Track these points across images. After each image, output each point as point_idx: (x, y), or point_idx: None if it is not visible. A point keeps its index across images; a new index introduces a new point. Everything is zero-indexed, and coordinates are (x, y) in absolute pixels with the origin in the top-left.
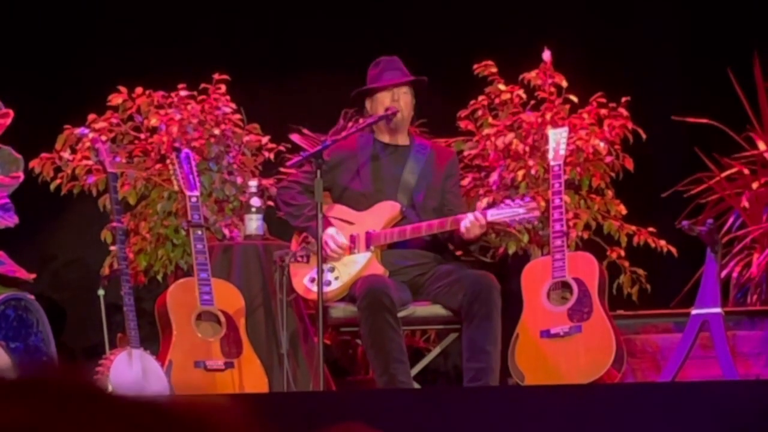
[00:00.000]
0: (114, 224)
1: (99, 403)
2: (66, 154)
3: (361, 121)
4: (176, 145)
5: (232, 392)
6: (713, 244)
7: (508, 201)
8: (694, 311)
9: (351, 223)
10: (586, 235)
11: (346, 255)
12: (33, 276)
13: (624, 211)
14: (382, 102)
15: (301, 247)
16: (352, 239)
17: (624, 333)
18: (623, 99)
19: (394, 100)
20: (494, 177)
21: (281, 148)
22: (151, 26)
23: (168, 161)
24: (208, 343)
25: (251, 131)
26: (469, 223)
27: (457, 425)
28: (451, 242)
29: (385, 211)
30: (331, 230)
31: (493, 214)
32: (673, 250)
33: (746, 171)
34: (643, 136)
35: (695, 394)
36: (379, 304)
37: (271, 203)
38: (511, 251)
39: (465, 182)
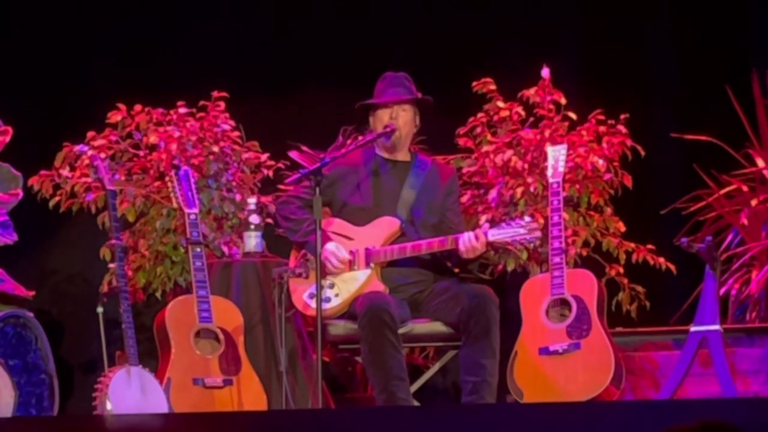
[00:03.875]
0: (113, 241)
1: None
2: (65, 172)
3: (360, 138)
4: (175, 162)
5: (230, 410)
6: (712, 261)
7: (509, 221)
8: (692, 328)
9: (350, 239)
10: (584, 252)
11: (346, 271)
12: (32, 293)
13: (623, 228)
14: (381, 118)
15: (300, 263)
16: (352, 255)
17: (623, 350)
18: (622, 116)
19: (393, 118)
20: (493, 194)
21: (280, 165)
22: (150, 44)
23: (167, 178)
24: (207, 361)
25: (250, 148)
26: (468, 242)
27: None
28: (449, 260)
29: (385, 226)
30: (331, 245)
31: (494, 234)
32: (672, 267)
33: (745, 188)
34: (642, 153)
35: (694, 411)
36: (381, 322)
37: (269, 220)
38: (510, 268)
39: (464, 199)
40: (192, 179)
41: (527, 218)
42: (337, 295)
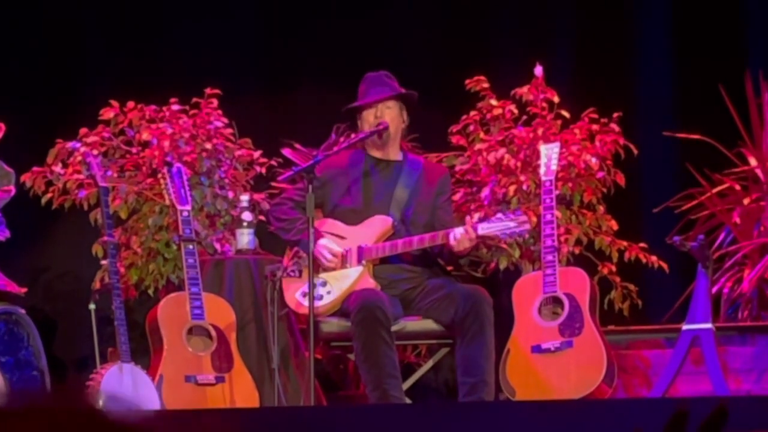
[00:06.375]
0: (105, 238)
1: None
2: (57, 168)
3: (353, 136)
4: (168, 159)
5: (222, 407)
6: (704, 260)
7: (499, 214)
8: (685, 327)
9: (343, 238)
10: (577, 251)
11: (339, 267)
12: (24, 290)
13: (615, 227)
14: (367, 119)
15: (292, 261)
16: (344, 253)
17: (615, 348)
18: (615, 114)
19: (378, 117)
20: (486, 192)
21: (273, 162)
22: (142, 41)
23: (159, 175)
24: (199, 358)
25: (243, 145)
26: (459, 235)
27: None
28: (441, 257)
29: (377, 225)
30: (323, 240)
31: (484, 228)
32: (665, 265)
33: (737, 187)
34: (635, 151)
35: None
36: (374, 319)
37: (262, 218)
38: (502, 266)
39: (456, 197)
40: (184, 176)
41: (518, 212)
42: (329, 293)
